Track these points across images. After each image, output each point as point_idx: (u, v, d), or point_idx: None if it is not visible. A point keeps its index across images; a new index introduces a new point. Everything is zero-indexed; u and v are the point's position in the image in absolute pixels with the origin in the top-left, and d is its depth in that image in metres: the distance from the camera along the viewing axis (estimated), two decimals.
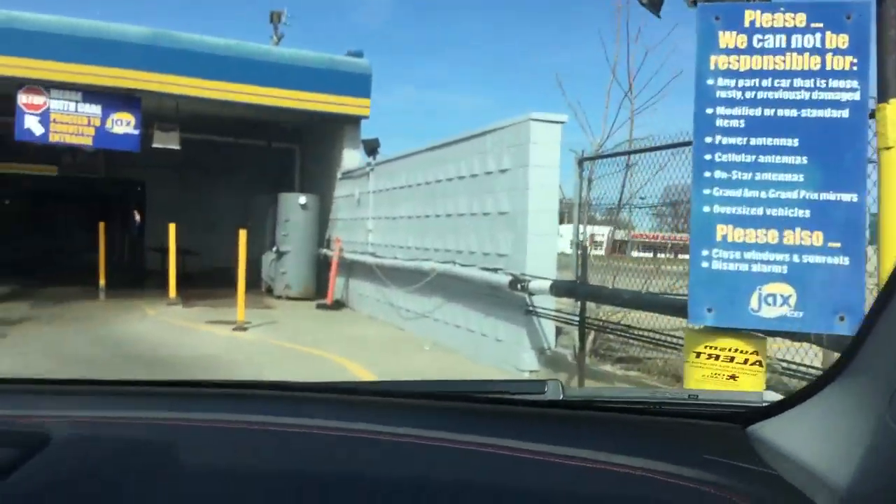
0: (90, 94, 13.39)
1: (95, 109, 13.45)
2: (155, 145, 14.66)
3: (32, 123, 13.09)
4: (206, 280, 17.59)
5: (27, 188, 22.75)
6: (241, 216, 19.37)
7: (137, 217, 22.85)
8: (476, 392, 1.43)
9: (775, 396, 1.24)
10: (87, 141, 13.53)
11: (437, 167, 10.03)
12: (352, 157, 14.81)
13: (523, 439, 1.10)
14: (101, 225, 14.91)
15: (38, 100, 13.07)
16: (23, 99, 13.01)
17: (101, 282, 14.80)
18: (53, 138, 13.29)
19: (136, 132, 13.90)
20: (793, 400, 1.09)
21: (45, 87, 13.08)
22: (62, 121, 13.26)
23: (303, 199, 14.85)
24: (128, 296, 14.50)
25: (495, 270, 8.18)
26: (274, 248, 15.26)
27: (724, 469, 1.01)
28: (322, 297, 14.40)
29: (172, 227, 13.34)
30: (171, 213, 19.85)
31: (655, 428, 1.25)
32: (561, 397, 1.35)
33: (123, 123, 13.69)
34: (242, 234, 11.11)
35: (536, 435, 1.12)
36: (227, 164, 21.15)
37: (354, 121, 14.87)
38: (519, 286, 7.40)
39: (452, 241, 9.49)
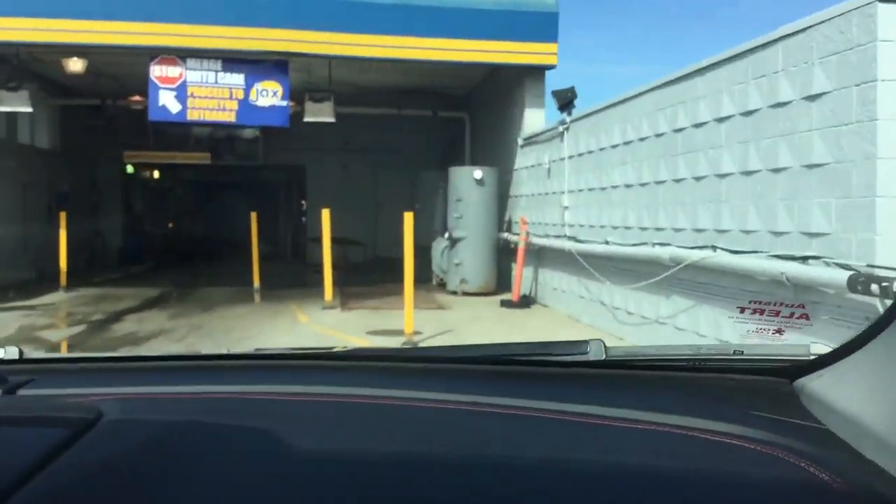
0: (231, 61, 11.46)
1: (237, 79, 11.50)
2: (307, 119, 12.55)
3: (168, 100, 11.32)
4: (370, 273, 15.59)
5: (185, 178, 21.81)
6: (408, 198, 17.23)
7: (303, 204, 21.29)
8: (519, 355, 1.43)
9: (823, 348, 1.20)
10: (229, 117, 11.61)
11: (677, 110, 7.01)
12: (535, 118, 12.01)
13: (568, 401, 1.08)
14: (253, 216, 13.05)
15: (173, 71, 11.28)
16: (156, 72, 11.26)
17: (256, 281, 12.96)
18: (192, 115, 11.47)
19: (285, 104, 11.83)
20: (841, 352, 1.05)
21: (180, 56, 11.26)
22: (201, 95, 11.41)
23: (478, 173, 12.24)
24: (283, 297, 12.62)
25: (803, 259, 5.11)
26: (446, 235, 12.79)
27: (772, 425, 0.98)
28: (504, 291, 11.81)
29: (326, 214, 11.19)
30: (331, 199, 18.15)
31: (700, 385, 1.24)
32: (604, 357, 1.34)
33: (269, 94, 11.66)
34: (408, 219, 8.66)
35: (581, 396, 1.12)
36: (389, 141, 19.06)
37: (537, 73, 12.06)
38: (873, 287, 4.31)
39: (707, 215, 6.48)
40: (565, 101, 9.83)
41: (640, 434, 1.00)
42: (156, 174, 21.82)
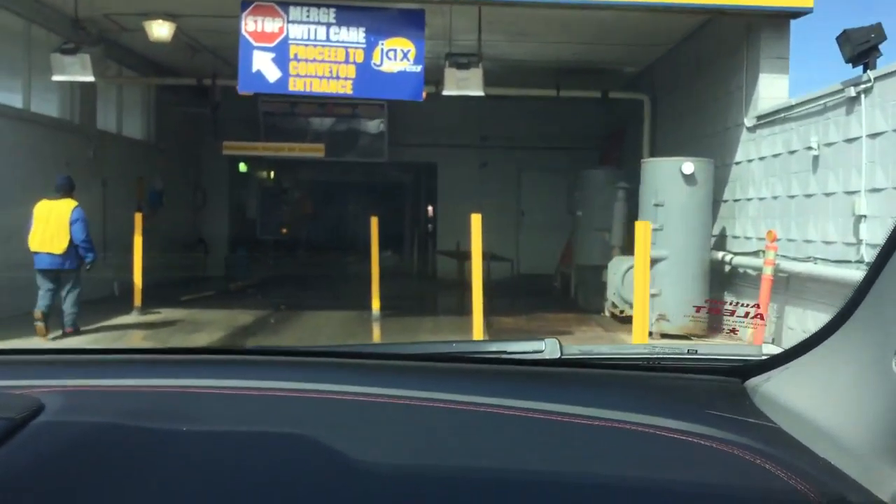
0: (348, 10, 8.40)
1: (356, 35, 8.41)
2: (448, 92, 9.31)
3: (264, 63, 8.37)
4: (516, 296, 12.30)
5: (301, 178, 19.16)
6: (559, 203, 13.83)
7: (430, 211, 18.19)
8: (474, 353, 1.49)
9: (774, 349, 1.34)
10: (344, 88, 8.53)
11: None
12: (775, 88, 8.29)
13: (523, 398, 1.08)
14: (374, 221, 10.03)
15: (271, 25, 8.32)
16: (249, 26, 8.33)
17: (375, 305, 9.85)
18: (295, 86, 8.47)
19: (418, 69, 8.64)
20: (792, 353, 1.07)
21: (280, 3, 8.30)
22: (307, 57, 8.39)
23: (688, 167, 8.60)
24: (410, 328, 9.52)
25: None
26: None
27: (725, 423, 1.00)
28: (715, 333, 8.15)
29: (476, 221, 7.99)
30: (466, 204, 15.07)
31: (655, 383, 1.25)
32: (559, 355, 1.37)
33: (398, 56, 8.51)
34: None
35: (536, 393, 1.12)
36: (538, 134, 15.69)
37: (781, 21, 8.33)
38: None
39: None
40: (865, 46, 6.09)
41: (597, 431, 1.00)
42: (270, 174, 19.35)
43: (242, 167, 17.92)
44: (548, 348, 1.37)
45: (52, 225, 8.04)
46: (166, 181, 13.86)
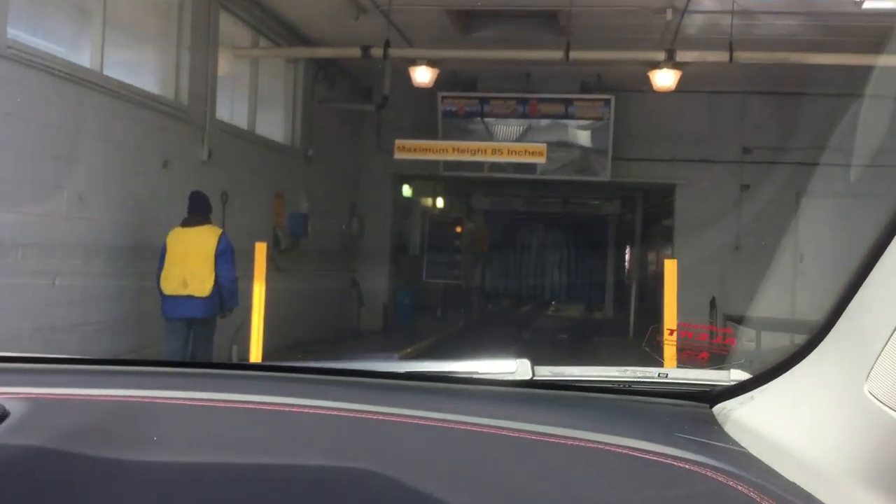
0: None
1: None
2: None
3: None
4: None
5: (482, 206, 15.00)
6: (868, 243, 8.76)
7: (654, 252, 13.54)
8: (445, 373, 1.44)
9: (743, 375, 1.25)
10: None
11: None
12: None
13: (495, 418, 1.07)
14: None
15: None
16: None
17: None
18: None
19: None
20: (761, 378, 1.09)
21: None
22: None
23: None
24: None
25: None
26: None
27: (695, 446, 1.00)
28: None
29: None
30: (720, 244, 10.70)
31: (625, 407, 1.26)
32: (531, 376, 1.37)
33: None
34: None
35: (507, 414, 1.10)
36: (837, 140, 10.75)
37: None
38: None
39: None
40: None
41: (571, 450, 1.00)
42: (443, 199, 15.42)
43: (407, 191, 14.10)
44: (519, 369, 1.37)
45: (191, 260, 6.26)
46: (313, 202, 10.12)
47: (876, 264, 0.88)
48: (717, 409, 1.15)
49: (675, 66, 9.60)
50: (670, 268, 5.30)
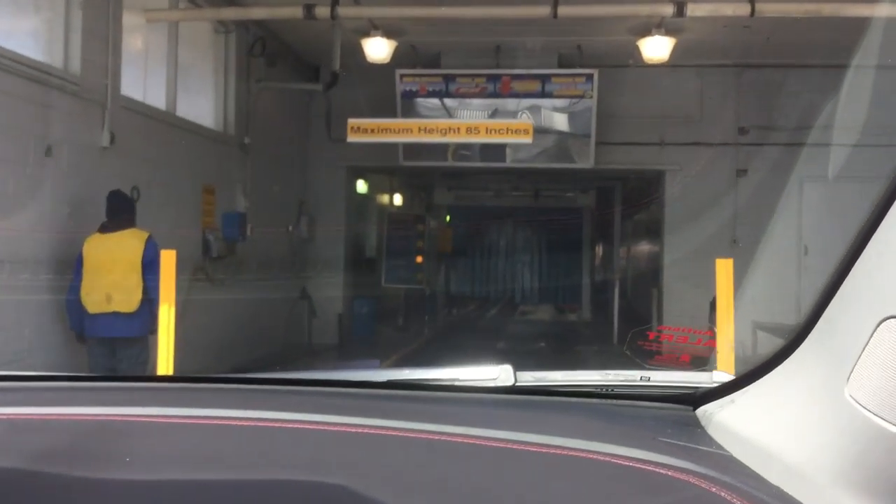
0: None
1: None
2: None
3: None
4: None
5: (448, 202, 13.58)
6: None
7: (637, 246, 12.29)
8: (427, 380, 1.43)
9: (725, 377, 1.23)
10: None
11: None
12: None
13: (477, 426, 1.06)
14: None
15: None
16: None
17: None
18: None
19: None
20: (743, 380, 1.08)
21: None
22: None
23: None
24: None
25: None
26: None
27: (677, 451, 1.00)
28: None
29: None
30: (716, 236, 9.56)
31: (608, 411, 1.26)
32: (513, 382, 1.36)
33: None
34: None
35: (490, 422, 1.10)
36: (853, 117, 9.59)
37: None
38: None
39: None
40: None
41: (552, 459, 0.99)
42: (399, 197, 13.96)
43: (363, 186, 12.63)
44: (501, 375, 1.36)
45: (115, 271, 5.42)
46: (253, 199, 8.58)
47: (856, 261, 0.86)
48: (700, 411, 1.15)
49: (671, 32, 8.32)
50: (724, 268, 3.96)
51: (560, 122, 9.90)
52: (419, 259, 13.01)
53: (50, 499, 0.90)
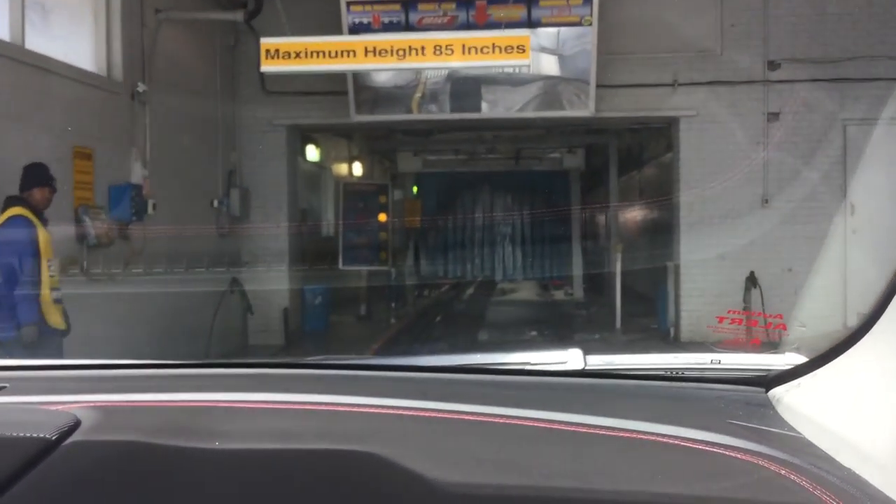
0: None
1: None
2: None
3: None
4: None
5: (419, 166, 11.55)
6: None
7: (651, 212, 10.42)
8: (498, 364, 1.46)
9: (799, 359, 1.20)
10: None
11: None
12: None
13: (548, 409, 1.06)
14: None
15: None
16: None
17: None
18: None
19: None
20: (817, 362, 1.06)
21: None
22: None
23: None
24: None
25: None
26: None
27: (750, 433, 0.98)
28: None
29: None
30: (743, 193, 7.68)
31: (678, 394, 1.25)
32: (583, 366, 1.37)
33: None
34: None
35: (561, 405, 1.09)
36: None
37: None
38: None
39: None
40: None
41: (622, 443, 0.98)
42: (357, 165, 11.93)
43: (312, 152, 10.61)
44: (571, 359, 1.37)
45: None
46: (158, 167, 6.50)
47: None
48: (772, 393, 1.14)
49: None
50: None
51: (551, 59, 7.92)
52: (383, 236, 10.99)
53: (150, 480, 0.91)
